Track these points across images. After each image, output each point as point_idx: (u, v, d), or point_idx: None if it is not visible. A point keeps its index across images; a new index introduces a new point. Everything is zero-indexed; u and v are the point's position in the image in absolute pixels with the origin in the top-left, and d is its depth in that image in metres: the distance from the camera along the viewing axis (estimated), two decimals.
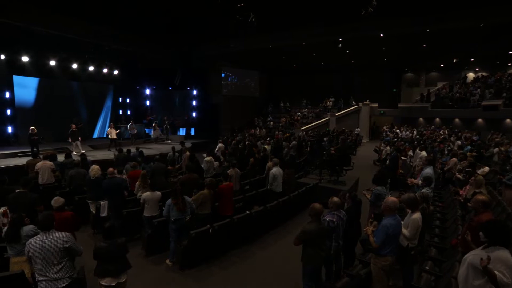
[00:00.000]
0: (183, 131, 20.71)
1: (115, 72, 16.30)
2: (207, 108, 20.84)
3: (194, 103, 20.97)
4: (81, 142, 12.30)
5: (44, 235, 3.09)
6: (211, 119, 20.57)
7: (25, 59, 12.44)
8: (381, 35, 14.39)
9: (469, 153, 9.13)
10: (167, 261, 4.95)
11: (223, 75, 22.65)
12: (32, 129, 10.70)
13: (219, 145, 11.76)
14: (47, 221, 3.17)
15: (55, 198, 4.07)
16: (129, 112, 18.73)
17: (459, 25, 12.77)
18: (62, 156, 8.57)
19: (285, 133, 18.21)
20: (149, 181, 6.06)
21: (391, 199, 3.55)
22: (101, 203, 5.80)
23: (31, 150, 10.46)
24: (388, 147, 12.13)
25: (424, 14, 12.60)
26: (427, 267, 3.96)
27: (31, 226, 3.67)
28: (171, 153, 10.26)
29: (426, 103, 21.53)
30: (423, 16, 12.76)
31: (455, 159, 8.21)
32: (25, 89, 13.87)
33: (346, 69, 24.06)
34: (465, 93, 19.80)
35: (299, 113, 24.20)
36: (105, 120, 17.34)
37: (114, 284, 3.25)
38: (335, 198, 4.11)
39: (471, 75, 23.04)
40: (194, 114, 21.01)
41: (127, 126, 15.75)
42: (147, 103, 20.22)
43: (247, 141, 13.90)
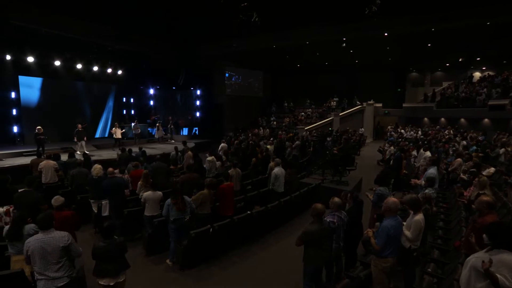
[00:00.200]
0: (186, 131, 20.77)
1: (119, 72, 16.37)
2: (210, 108, 20.83)
3: (198, 103, 20.98)
4: (85, 141, 12.39)
5: (44, 234, 3.11)
6: (214, 119, 20.54)
7: (30, 59, 12.52)
8: (385, 34, 14.25)
9: (474, 154, 8.99)
10: (167, 261, 4.95)
11: (227, 75, 22.63)
12: (38, 129, 10.85)
13: (222, 144, 11.75)
14: (47, 220, 3.19)
15: (55, 197, 4.08)
16: (133, 112, 18.84)
17: (464, 23, 12.56)
18: (66, 156, 8.64)
19: (288, 133, 18.15)
20: (151, 180, 6.07)
21: (391, 199, 3.49)
22: (103, 202, 5.83)
23: (37, 149, 10.59)
24: (392, 147, 12.03)
25: (428, 12, 12.43)
26: (430, 269, 3.90)
27: (32, 225, 3.68)
28: (173, 152, 10.29)
29: (431, 103, 21.29)
30: (427, 15, 12.58)
31: (460, 159, 8.11)
32: (31, 89, 14.01)
33: (350, 68, 23.88)
34: (471, 92, 19.54)
35: (303, 113, 24.11)
36: (107, 120, 17.42)
37: (112, 284, 3.25)
38: (336, 199, 4.07)
39: (477, 74, 22.73)
40: (197, 114, 21.03)
41: (131, 125, 15.84)
42: (151, 103, 20.30)
43: (250, 141, 13.88)
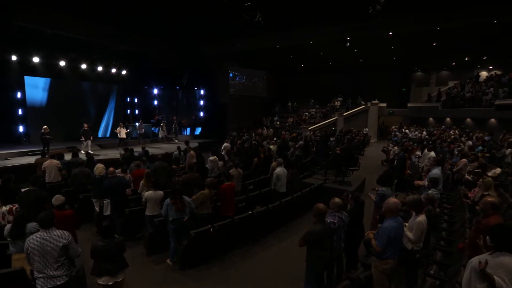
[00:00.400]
0: (190, 131, 20.81)
1: (123, 72, 16.47)
2: (214, 107, 20.86)
3: (202, 102, 21.04)
4: (91, 141, 12.52)
5: (44, 233, 3.13)
6: (218, 118, 20.56)
7: (35, 60, 12.66)
8: (389, 33, 14.13)
9: (480, 154, 8.86)
10: (168, 260, 4.94)
11: (231, 75, 22.63)
12: (44, 128, 10.98)
13: (225, 144, 11.74)
14: (48, 219, 3.21)
15: (56, 196, 4.10)
16: (137, 111, 18.93)
17: (470, 22, 12.39)
18: (70, 155, 8.68)
19: (292, 133, 18.09)
20: (153, 180, 6.08)
21: (392, 200, 3.44)
22: (105, 201, 5.86)
23: (43, 148, 10.70)
24: (396, 147, 11.90)
25: (433, 11, 12.28)
26: (432, 271, 3.83)
27: (34, 224, 3.68)
28: (176, 152, 10.31)
29: (436, 102, 21.04)
30: (432, 14, 12.43)
31: (465, 159, 7.99)
32: (36, 89, 14.16)
33: (354, 68, 23.74)
34: (477, 92, 19.26)
35: (307, 113, 24.02)
36: (108, 119, 17.49)
37: (111, 283, 3.25)
38: (336, 199, 4.02)
39: (484, 73, 22.37)
40: (201, 114, 21.08)
41: (135, 125, 15.92)
42: (155, 102, 20.39)
43: (253, 141, 13.85)
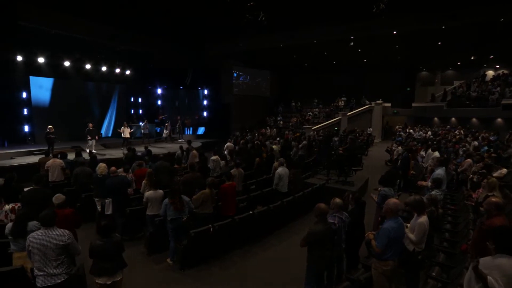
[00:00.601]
0: (194, 131, 20.86)
1: (127, 72, 16.53)
2: (218, 107, 20.87)
3: (205, 102, 21.07)
4: (96, 140, 12.63)
5: (45, 231, 3.14)
6: (221, 118, 20.57)
7: (40, 60, 12.76)
8: (393, 32, 14.00)
9: (486, 154, 8.73)
10: (168, 260, 4.95)
11: (235, 74, 22.62)
12: (50, 128, 11.07)
13: (227, 144, 11.72)
14: (49, 217, 3.21)
15: (56, 195, 4.12)
16: (141, 111, 19.02)
17: (476, 20, 12.22)
18: (74, 155, 8.73)
19: (295, 132, 18.02)
20: (154, 179, 6.08)
21: (392, 200, 3.39)
22: (106, 201, 5.87)
23: (47, 148, 10.80)
24: (400, 148, 11.80)
25: (438, 10, 12.13)
26: (434, 273, 3.78)
27: (35, 222, 3.70)
28: (179, 151, 10.34)
29: (441, 102, 20.82)
30: (437, 12, 12.28)
31: (469, 160, 7.89)
32: (41, 89, 14.29)
33: (358, 68, 23.59)
34: (483, 91, 19.01)
35: (310, 113, 23.93)
36: (111, 119, 17.55)
37: (109, 283, 3.25)
38: (337, 199, 3.98)
39: (490, 73, 22.05)
40: (205, 114, 21.11)
41: (140, 125, 15.98)
42: (159, 102, 20.46)
43: (256, 141, 13.83)
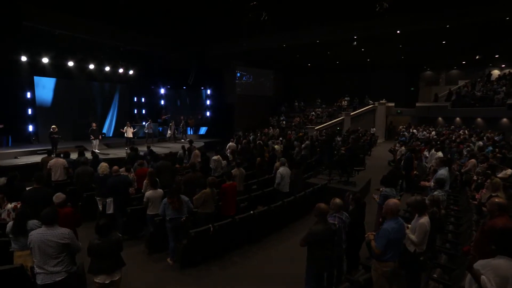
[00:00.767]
0: (196, 131, 20.90)
1: (131, 72, 16.59)
2: (221, 107, 20.87)
3: (208, 102, 21.09)
4: (99, 140, 12.71)
5: (46, 229, 3.16)
6: (224, 118, 20.58)
7: (45, 60, 12.86)
8: (397, 32, 13.88)
9: (491, 154, 8.63)
10: (168, 259, 4.95)
11: (238, 74, 22.58)
12: (53, 128, 11.17)
13: (230, 144, 11.69)
14: (51, 215, 3.23)
15: (56, 194, 4.14)
16: (144, 111, 19.09)
17: (481, 19, 12.06)
18: (77, 154, 8.80)
19: (298, 132, 17.97)
20: (156, 179, 6.08)
21: (392, 201, 3.35)
22: (107, 200, 5.90)
23: (51, 147, 10.88)
24: (403, 147, 11.71)
25: (442, 9, 12.01)
26: (435, 275, 3.73)
27: (35, 221, 3.72)
28: (181, 151, 10.36)
29: (445, 102, 20.62)
30: (441, 11, 12.15)
31: (473, 160, 7.80)
32: (45, 89, 14.42)
33: (362, 67, 23.43)
34: (488, 91, 18.78)
35: (313, 113, 23.85)
36: (112, 118, 17.62)
37: (108, 282, 3.25)
38: (337, 199, 3.95)
39: (495, 72, 21.79)
40: (208, 114, 21.13)
41: (144, 125, 16.04)
42: (162, 102, 20.53)
43: (259, 141, 13.81)
